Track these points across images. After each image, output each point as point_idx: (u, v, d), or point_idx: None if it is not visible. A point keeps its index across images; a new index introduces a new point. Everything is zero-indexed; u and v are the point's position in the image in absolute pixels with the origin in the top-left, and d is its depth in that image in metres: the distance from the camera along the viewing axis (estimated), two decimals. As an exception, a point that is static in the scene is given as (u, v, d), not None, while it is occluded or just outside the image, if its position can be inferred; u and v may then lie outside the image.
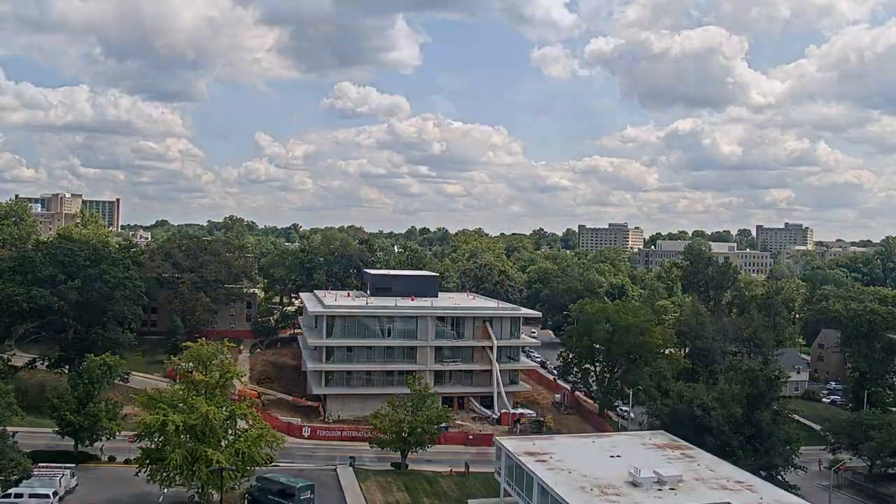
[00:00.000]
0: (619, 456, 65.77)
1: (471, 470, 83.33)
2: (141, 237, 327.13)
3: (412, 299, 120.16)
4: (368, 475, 79.00)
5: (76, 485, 66.46)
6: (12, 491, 60.37)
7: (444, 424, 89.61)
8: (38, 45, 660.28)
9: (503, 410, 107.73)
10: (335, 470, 79.95)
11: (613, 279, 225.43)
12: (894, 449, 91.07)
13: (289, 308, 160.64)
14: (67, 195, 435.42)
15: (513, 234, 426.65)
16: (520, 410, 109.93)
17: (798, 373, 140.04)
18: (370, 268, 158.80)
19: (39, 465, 65.27)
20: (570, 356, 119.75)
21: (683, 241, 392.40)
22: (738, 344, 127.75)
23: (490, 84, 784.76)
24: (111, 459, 76.55)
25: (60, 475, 63.87)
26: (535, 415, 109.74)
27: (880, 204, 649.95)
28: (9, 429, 64.48)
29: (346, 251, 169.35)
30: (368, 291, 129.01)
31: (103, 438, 75.10)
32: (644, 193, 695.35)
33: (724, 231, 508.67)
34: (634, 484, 57.39)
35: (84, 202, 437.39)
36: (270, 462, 66.78)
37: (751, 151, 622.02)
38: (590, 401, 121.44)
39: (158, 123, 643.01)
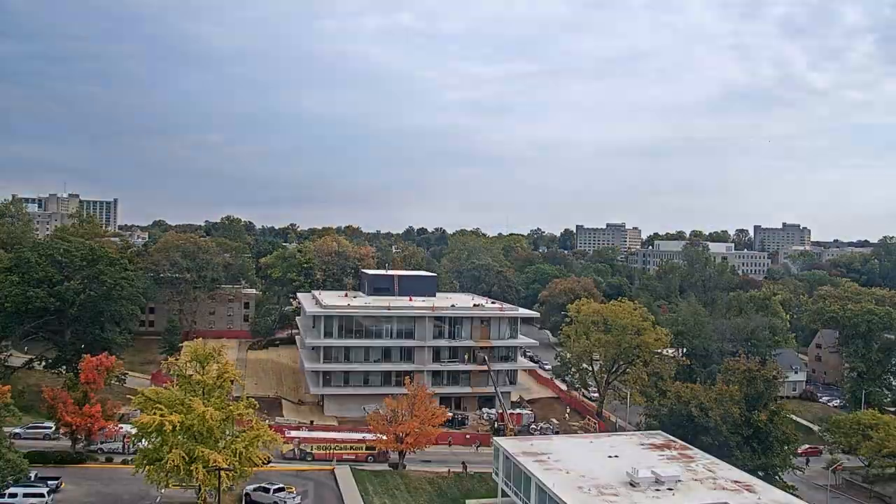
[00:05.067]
0: (616, 456, 65.85)
1: (469, 470, 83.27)
2: (139, 237, 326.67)
3: (410, 299, 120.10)
4: (366, 475, 78.83)
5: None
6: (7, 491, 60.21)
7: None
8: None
9: (500, 411, 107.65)
10: (333, 471, 79.79)
11: (611, 279, 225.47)
12: (892, 449, 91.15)
13: (287, 308, 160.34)
14: (65, 195, 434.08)
15: (510, 234, 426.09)
16: (518, 411, 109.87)
17: (796, 373, 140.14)
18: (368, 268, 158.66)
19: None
20: (569, 356, 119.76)
21: (682, 241, 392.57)
22: (736, 344, 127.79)
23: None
24: (108, 460, 76.35)
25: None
26: (532, 415, 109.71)
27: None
28: (6, 429, 64.24)
29: (342, 251, 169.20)
30: (366, 291, 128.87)
31: (101, 439, 74.91)
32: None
33: (723, 231, 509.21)
34: (632, 484, 57.41)
35: (81, 202, 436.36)
36: (267, 463, 66.74)
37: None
38: (588, 401, 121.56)
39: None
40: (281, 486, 68.63)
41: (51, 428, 79.48)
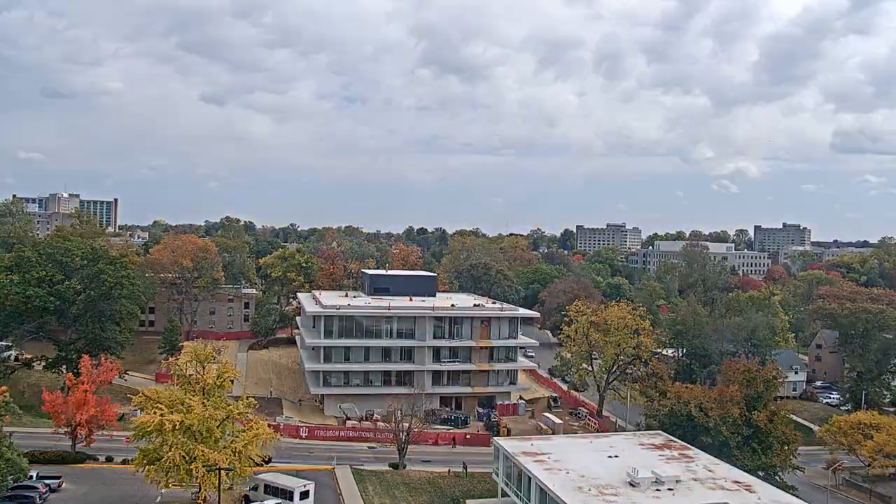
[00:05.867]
0: (616, 456, 65.91)
1: (469, 470, 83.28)
2: (139, 237, 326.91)
3: (410, 299, 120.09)
4: (366, 475, 78.84)
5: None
6: None
7: None
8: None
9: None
10: (333, 470, 79.82)
11: (611, 279, 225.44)
12: (892, 449, 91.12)
13: (287, 308, 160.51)
14: (65, 195, 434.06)
15: (510, 234, 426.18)
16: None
17: (796, 373, 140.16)
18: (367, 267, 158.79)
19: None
20: (569, 356, 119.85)
21: (681, 241, 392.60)
22: (736, 344, 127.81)
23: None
24: (109, 460, 76.34)
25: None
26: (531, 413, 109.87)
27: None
28: (6, 429, 64.25)
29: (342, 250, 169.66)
30: (366, 291, 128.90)
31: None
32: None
33: (722, 231, 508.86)
34: (632, 484, 57.48)
35: (81, 202, 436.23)
36: (268, 462, 66.68)
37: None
38: (589, 401, 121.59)
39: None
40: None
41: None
